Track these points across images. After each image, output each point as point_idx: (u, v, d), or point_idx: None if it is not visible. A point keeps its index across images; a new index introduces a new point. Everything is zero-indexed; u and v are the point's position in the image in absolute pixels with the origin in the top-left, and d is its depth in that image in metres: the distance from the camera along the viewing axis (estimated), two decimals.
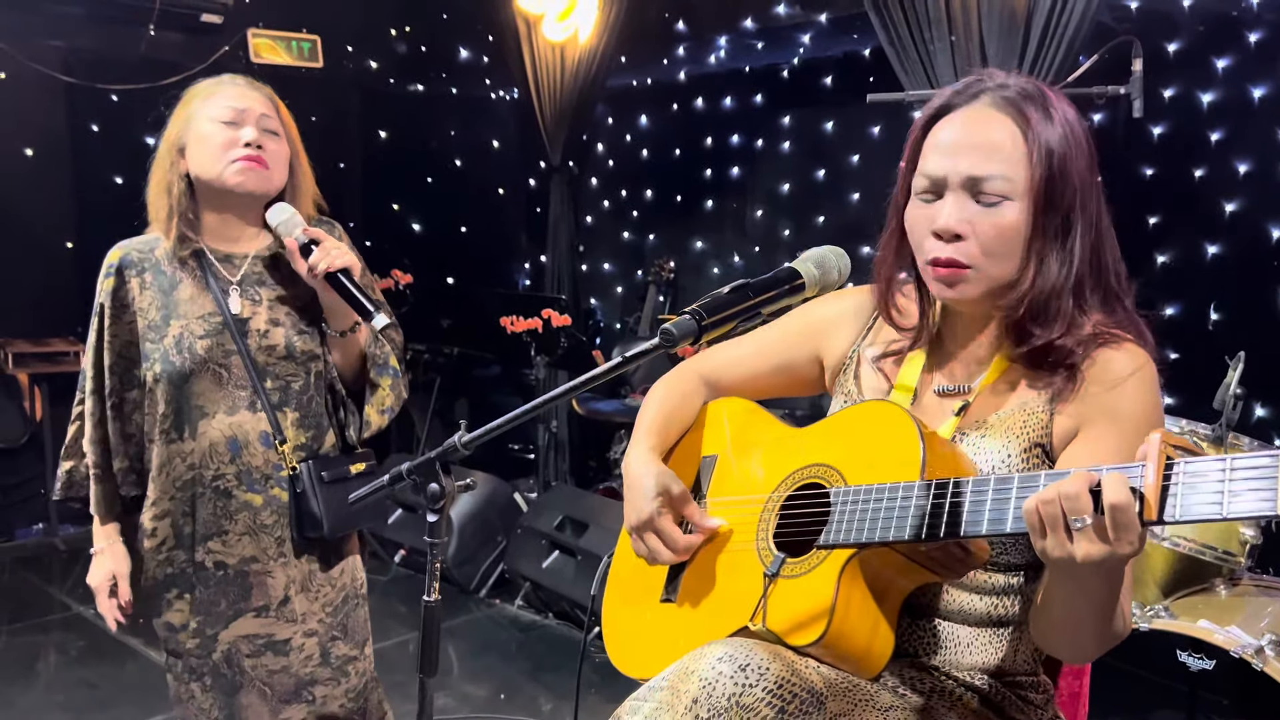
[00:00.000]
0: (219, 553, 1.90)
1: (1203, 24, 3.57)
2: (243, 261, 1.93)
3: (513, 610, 3.97)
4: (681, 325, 1.12)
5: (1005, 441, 1.28)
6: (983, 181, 1.24)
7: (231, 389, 1.89)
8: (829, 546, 1.25)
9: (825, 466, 1.33)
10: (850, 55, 4.66)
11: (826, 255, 1.24)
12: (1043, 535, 1.05)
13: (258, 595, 1.91)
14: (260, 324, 1.91)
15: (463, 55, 5.98)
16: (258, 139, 1.86)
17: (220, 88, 1.90)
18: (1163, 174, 3.71)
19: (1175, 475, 0.98)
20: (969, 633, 1.31)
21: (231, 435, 1.88)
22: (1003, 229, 1.24)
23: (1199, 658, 2.02)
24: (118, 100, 4.87)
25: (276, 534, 1.92)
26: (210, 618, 1.90)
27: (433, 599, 1.31)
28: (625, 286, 5.93)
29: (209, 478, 1.88)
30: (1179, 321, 3.66)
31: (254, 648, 1.92)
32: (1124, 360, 1.25)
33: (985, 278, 1.26)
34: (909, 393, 1.39)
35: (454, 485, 1.30)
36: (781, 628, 1.25)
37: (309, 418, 1.94)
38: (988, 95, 1.28)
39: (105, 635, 3.75)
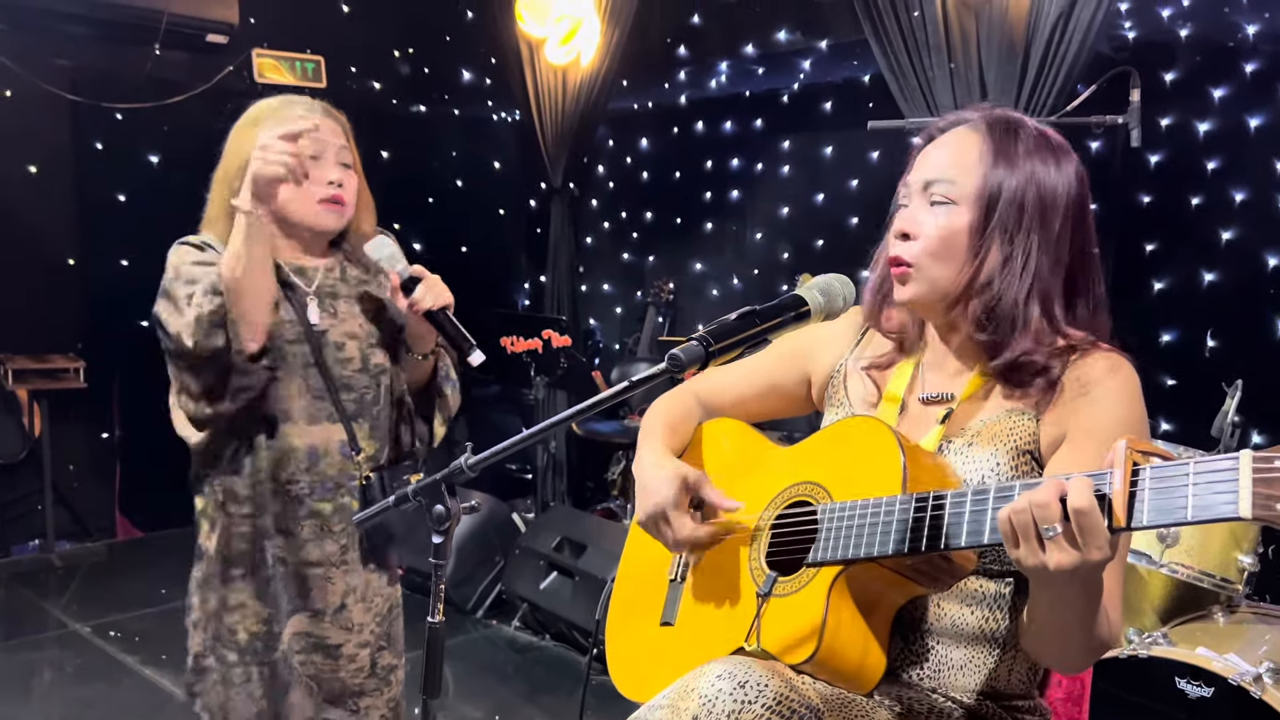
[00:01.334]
0: (283, 550, 1.92)
1: (1200, 54, 3.61)
2: (315, 273, 1.96)
3: (510, 631, 3.96)
4: (689, 351, 1.13)
5: (993, 449, 1.30)
6: (933, 184, 1.32)
7: (312, 399, 1.91)
8: (817, 564, 1.27)
9: (812, 484, 1.35)
10: (850, 81, 4.70)
11: (832, 283, 1.26)
12: (1015, 544, 1.06)
13: (317, 597, 1.93)
14: (337, 336, 1.94)
15: (465, 77, 6.03)
16: (339, 177, 1.90)
17: (296, 111, 1.89)
18: (1160, 202, 3.74)
19: (1141, 481, 0.99)
20: (962, 654, 1.32)
21: (311, 444, 1.91)
22: (944, 229, 1.31)
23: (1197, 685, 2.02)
24: (122, 119, 4.90)
25: (342, 541, 1.95)
26: (277, 612, 1.93)
27: (437, 620, 1.32)
28: (625, 307, 5.95)
29: (283, 479, 1.90)
30: (1176, 348, 3.68)
31: (304, 645, 1.94)
32: (1103, 366, 1.28)
33: (926, 278, 1.32)
34: (896, 402, 1.42)
35: (459, 507, 1.31)
36: (775, 647, 1.27)
37: (378, 429, 1.98)
38: (968, 123, 1.37)
39: (101, 653, 3.74)
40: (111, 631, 3.91)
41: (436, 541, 1.30)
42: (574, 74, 4.78)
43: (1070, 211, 1.32)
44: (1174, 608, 2.53)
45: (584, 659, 3.68)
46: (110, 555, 4.88)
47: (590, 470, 5.22)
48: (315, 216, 1.90)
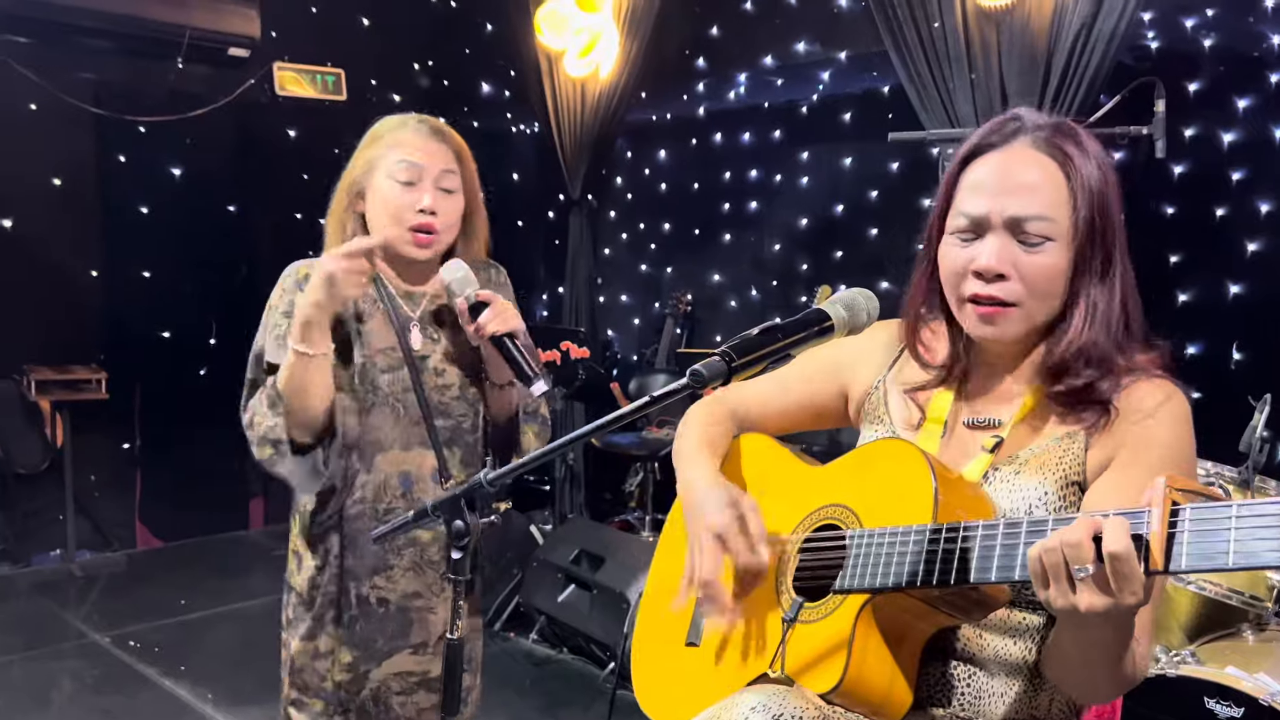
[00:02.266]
0: (383, 589, 1.88)
1: (1224, 64, 3.58)
2: (422, 299, 1.95)
3: (527, 644, 3.95)
4: (711, 366, 1.12)
5: (1041, 479, 1.26)
6: (1025, 222, 1.24)
7: (407, 425, 1.88)
8: (844, 591, 1.24)
9: (842, 507, 1.32)
10: (869, 92, 4.68)
11: (855, 298, 1.24)
12: (1045, 585, 1.03)
13: (417, 632, 1.90)
14: (437, 362, 1.92)
15: (485, 90, 6.05)
16: (433, 204, 1.85)
17: (404, 135, 1.89)
18: (1184, 213, 3.70)
19: (1181, 522, 0.95)
20: (1002, 683, 1.29)
21: (405, 471, 1.88)
22: (1048, 270, 1.25)
23: (1227, 705, 1.98)
24: (145, 132, 4.94)
25: (442, 570, 1.90)
26: (366, 654, 1.88)
27: (456, 636, 1.31)
28: (642, 319, 5.95)
29: (381, 511, 1.87)
30: (1201, 361, 3.63)
31: (406, 685, 1.91)
32: (1153, 392, 1.24)
33: (1028, 316, 1.27)
34: (940, 424, 1.37)
35: (479, 522, 1.30)
36: (800, 674, 1.24)
37: (471, 457, 1.95)
38: (1026, 135, 1.29)
39: (120, 664, 3.76)
40: (131, 641, 3.93)
41: (455, 557, 1.29)
42: (593, 86, 4.78)
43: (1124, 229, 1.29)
44: (1202, 625, 2.48)
45: (602, 673, 3.66)
46: (130, 565, 4.91)
47: (608, 482, 5.20)
48: (404, 246, 1.87)
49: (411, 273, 1.94)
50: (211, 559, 4.98)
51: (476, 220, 1.99)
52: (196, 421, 4.70)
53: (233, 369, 2.02)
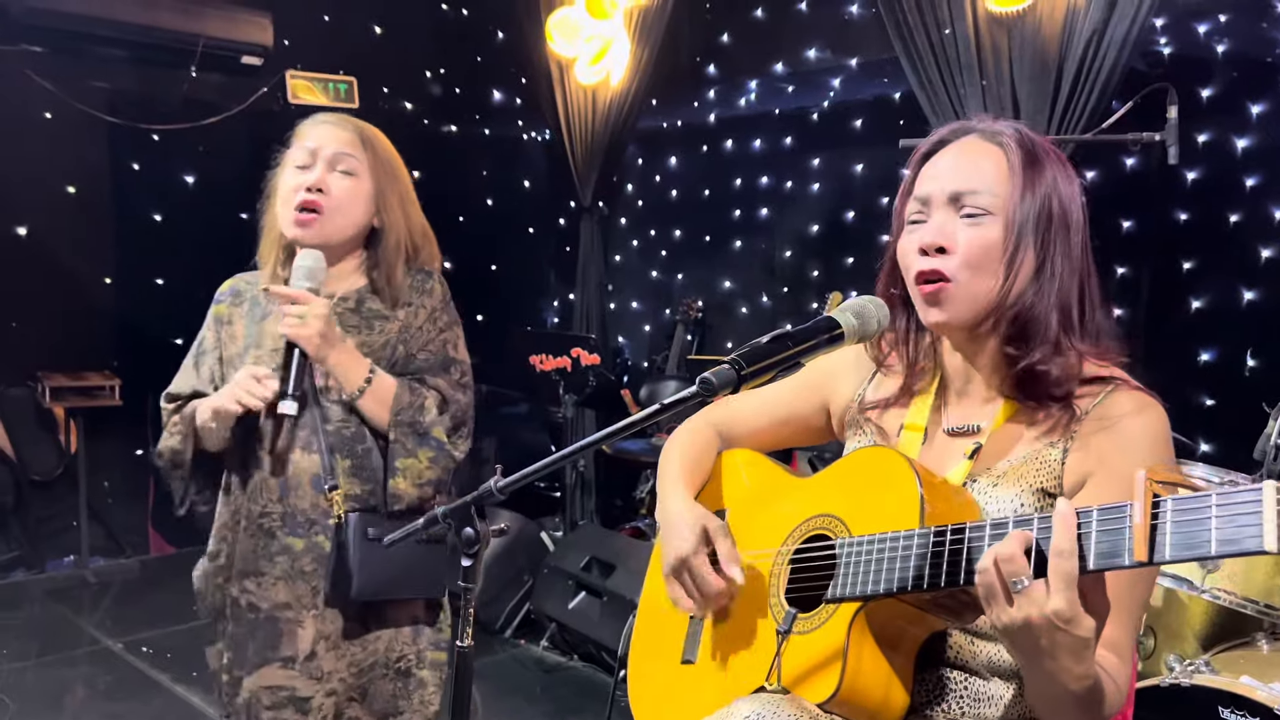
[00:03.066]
0: (253, 593, 1.84)
1: (1237, 70, 3.56)
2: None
3: (538, 651, 3.95)
4: (721, 374, 1.12)
5: (1018, 490, 1.27)
6: (965, 195, 1.29)
7: (287, 427, 1.83)
8: (836, 600, 1.25)
9: (830, 517, 1.33)
10: (880, 99, 4.68)
11: (866, 305, 1.24)
12: (988, 604, 1.04)
13: (286, 644, 1.83)
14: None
15: (496, 97, 6.07)
16: (318, 181, 1.81)
17: (307, 127, 1.89)
18: (1197, 219, 3.69)
19: (1163, 514, 0.96)
20: (1000, 685, 1.29)
21: (284, 475, 1.83)
22: (983, 242, 1.27)
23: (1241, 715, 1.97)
24: (159, 140, 4.97)
25: (313, 583, 1.83)
26: (238, 658, 1.85)
27: (466, 645, 1.31)
28: (653, 325, 5.95)
29: (255, 513, 1.84)
30: (1215, 368, 3.61)
31: (275, 699, 1.83)
32: (1131, 406, 1.26)
33: (967, 293, 1.28)
34: (919, 432, 1.39)
35: (489, 530, 1.30)
36: (796, 685, 1.25)
37: (365, 470, 1.85)
38: (976, 132, 1.35)
39: (134, 670, 3.77)
40: (144, 647, 3.94)
41: (465, 565, 1.29)
42: (604, 93, 4.79)
43: (1083, 225, 1.32)
44: (1216, 634, 2.46)
45: (612, 680, 3.66)
46: (143, 571, 4.92)
47: (618, 489, 5.20)
48: (287, 226, 1.83)
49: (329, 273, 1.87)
50: None
51: (391, 211, 1.89)
52: None
53: None
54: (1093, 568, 1.01)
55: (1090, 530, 1.01)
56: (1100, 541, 1.00)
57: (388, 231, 1.90)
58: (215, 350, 1.94)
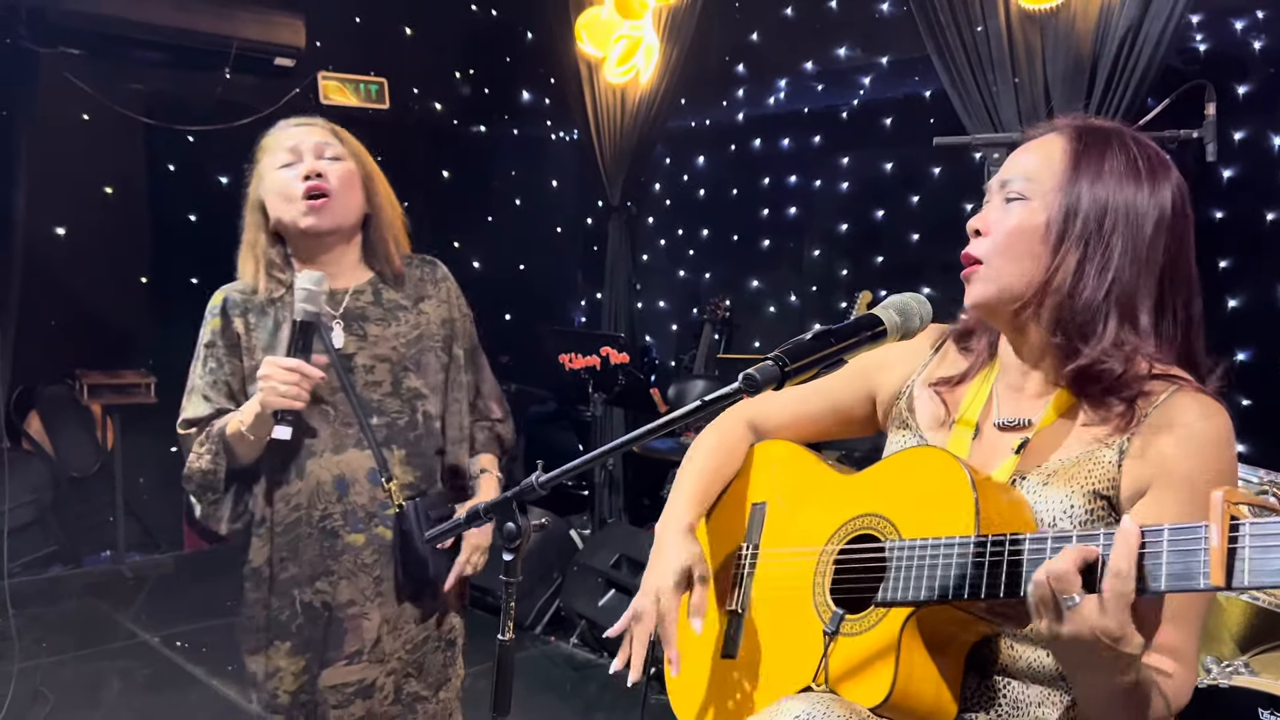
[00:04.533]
0: (326, 593, 1.87)
1: (1273, 66, 3.52)
2: (344, 296, 1.91)
3: (567, 648, 3.96)
4: (764, 371, 1.12)
5: (1069, 490, 1.23)
6: (1009, 182, 1.29)
7: (338, 426, 1.85)
8: (887, 604, 1.23)
9: (878, 517, 1.31)
10: (911, 97, 4.66)
11: (909, 302, 1.24)
12: (1037, 615, 1.03)
13: (351, 640, 1.87)
14: (365, 359, 1.89)
15: (525, 97, 6.10)
16: (315, 168, 1.83)
17: (276, 135, 1.92)
18: (1233, 217, 3.65)
19: (1241, 537, 0.93)
20: (1039, 692, 1.28)
21: (339, 474, 1.85)
22: (1016, 225, 1.26)
23: None
24: (194, 141, 5.03)
25: (375, 573, 1.87)
26: (314, 658, 1.87)
27: (507, 638, 1.32)
28: (681, 325, 5.95)
29: (316, 518, 1.85)
30: (1252, 368, 3.57)
31: (342, 697, 1.87)
32: (1196, 410, 1.19)
33: (996, 275, 1.27)
34: (970, 427, 1.36)
35: (530, 524, 1.32)
36: (845, 687, 1.24)
37: (417, 457, 1.90)
38: (1056, 131, 1.33)
39: (170, 664, 3.82)
40: (179, 642, 3.99)
41: (507, 559, 1.31)
42: (632, 92, 4.80)
43: (1165, 225, 1.27)
44: (1254, 636, 2.44)
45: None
46: (177, 567, 4.97)
47: (646, 487, 5.21)
48: (299, 217, 1.83)
49: (329, 269, 1.88)
50: None
51: (378, 192, 1.94)
52: None
53: None
54: (1164, 589, 0.98)
55: (1161, 550, 0.98)
56: (1172, 563, 0.97)
57: (378, 213, 1.94)
58: (230, 363, 1.90)
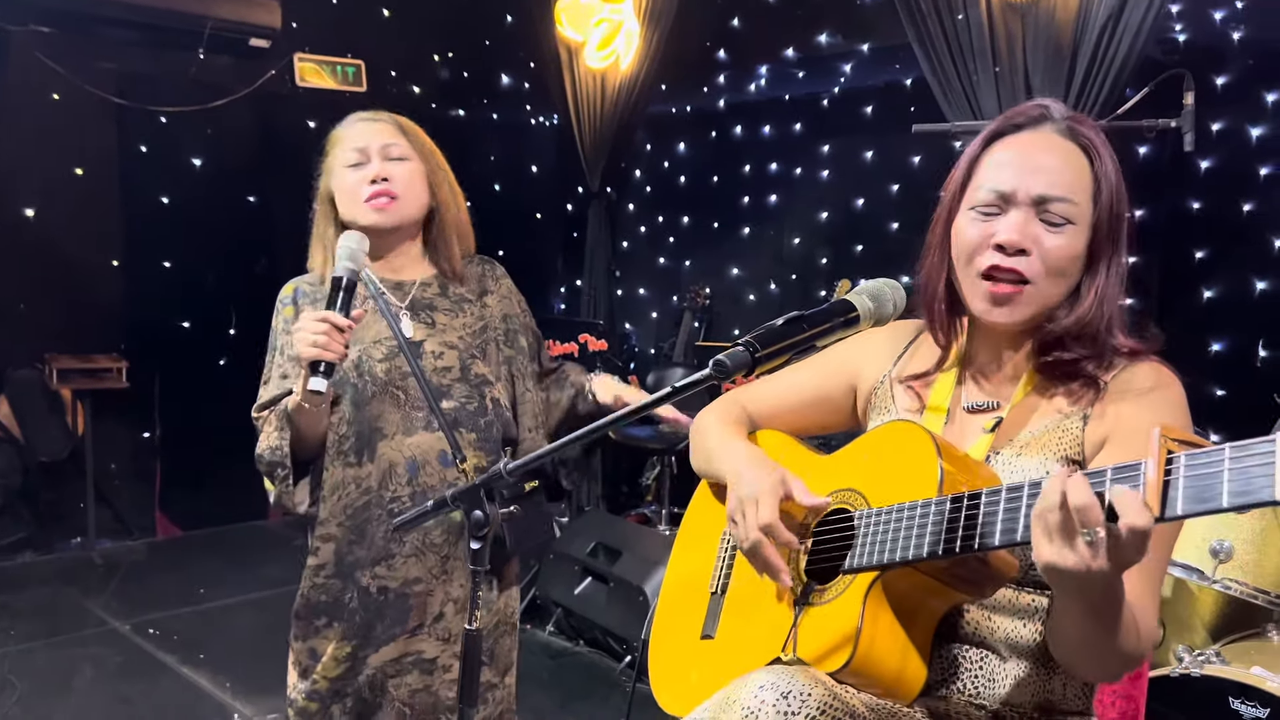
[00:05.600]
0: (384, 577, 1.88)
1: (1252, 57, 3.53)
2: (411, 287, 1.96)
3: (544, 637, 3.95)
4: (735, 356, 1.10)
5: (1042, 459, 1.27)
6: (1051, 202, 1.27)
7: (409, 410, 1.88)
8: (853, 570, 1.25)
9: (850, 491, 1.33)
10: (891, 85, 4.65)
11: (882, 288, 1.23)
12: (1050, 542, 1.01)
13: (415, 615, 1.90)
14: (434, 346, 1.93)
15: (504, 81, 6.04)
16: (381, 171, 1.89)
17: (345, 130, 1.96)
18: (1210, 208, 3.66)
19: (1176, 469, 0.95)
20: (1014, 664, 1.28)
21: (410, 456, 1.88)
22: (1068, 251, 1.27)
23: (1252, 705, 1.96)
24: (166, 122, 4.97)
25: (443, 552, 1.90)
26: (365, 641, 1.89)
27: (474, 627, 1.30)
28: (661, 312, 5.93)
29: (386, 499, 1.87)
30: (1226, 358, 3.59)
31: (400, 667, 1.90)
32: (1152, 377, 1.27)
33: (1040, 297, 1.28)
34: (941, 412, 1.39)
35: (499, 513, 1.30)
36: (812, 656, 1.25)
37: (487, 441, 1.93)
38: (1052, 123, 1.32)
39: (141, 651, 3.78)
40: (151, 629, 3.95)
41: (475, 548, 1.29)
42: (613, 78, 4.77)
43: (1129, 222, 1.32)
44: (1226, 625, 2.46)
45: (619, 666, 3.66)
46: (150, 553, 4.94)
47: (625, 475, 5.20)
48: (364, 215, 1.89)
49: (395, 262, 1.95)
50: (230, 548, 5.00)
51: (443, 188, 1.98)
52: (216, 411, 4.71)
53: (253, 359, 2.03)
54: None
55: (1105, 489, 1.00)
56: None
57: (443, 210, 1.99)
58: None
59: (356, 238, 1.80)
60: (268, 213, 5.37)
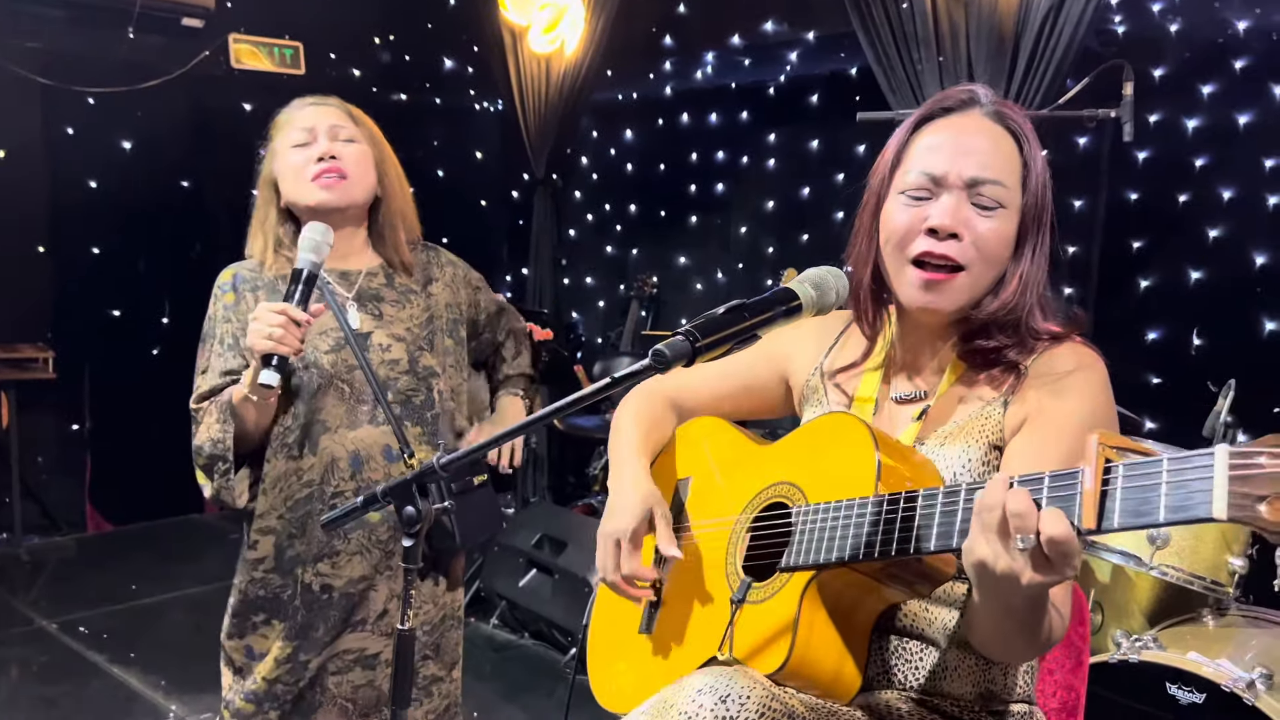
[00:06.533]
0: (327, 575, 1.84)
1: (1189, 50, 3.58)
2: (357, 277, 1.91)
3: (488, 629, 3.90)
4: (674, 346, 1.07)
5: (965, 445, 1.27)
6: (983, 185, 1.26)
7: (354, 403, 1.84)
8: (790, 569, 1.23)
9: (789, 484, 1.31)
10: (837, 74, 4.65)
11: (825, 276, 1.20)
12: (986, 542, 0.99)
13: (359, 611, 1.86)
14: (382, 338, 1.88)
15: (447, 65, 5.94)
16: (329, 150, 1.84)
17: (291, 114, 1.92)
18: (1147, 198, 3.71)
19: (1114, 480, 0.93)
20: (955, 656, 1.27)
21: (354, 450, 1.83)
22: (1000, 235, 1.26)
23: (1189, 691, 1.99)
24: (94, 103, 4.80)
25: (389, 548, 1.87)
26: (306, 643, 1.85)
27: (407, 628, 1.26)
28: (608, 301, 5.90)
29: (328, 494, 1.83)
30: (1162, 346, 3.66)
31: (343, 664, 1.87)
32: (1072, 359, 1.27)
33: (972, 283, 1.27)
34: (869, 403, 1.38)
35: (431, 509, 1.25)
36: (748, 655, 1.23)
37: (434, 434, 1.90)
38: (981, 107, 1.31)
39: (68, 651, 3.66)
40: (80, 628, 3.83)
41: (407, 545, 1.24)
42: (557, 63, 4.70)
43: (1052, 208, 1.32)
44: (1162, 610, 2.50)
45: (563, 658, 3.63)
46: (79, 549, 4.79)
47: (571, 465, 5.16)
48: (311, 193, 1.83)
49: (341, 250, 1.89)
50: (163, 543, 4.87)
51: (390, 176, 1.95)
52: (148, 402, 4.58)
53: (186, 349, 1.96)
54: None
55: (1042, 497, 0.98)
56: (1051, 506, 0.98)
57: (389, 199, 1.95)
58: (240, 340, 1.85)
59: (321, 229, 1.75)
60: (202, 198, 5.23)
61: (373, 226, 1.95)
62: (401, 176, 1.98)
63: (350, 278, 1.91)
